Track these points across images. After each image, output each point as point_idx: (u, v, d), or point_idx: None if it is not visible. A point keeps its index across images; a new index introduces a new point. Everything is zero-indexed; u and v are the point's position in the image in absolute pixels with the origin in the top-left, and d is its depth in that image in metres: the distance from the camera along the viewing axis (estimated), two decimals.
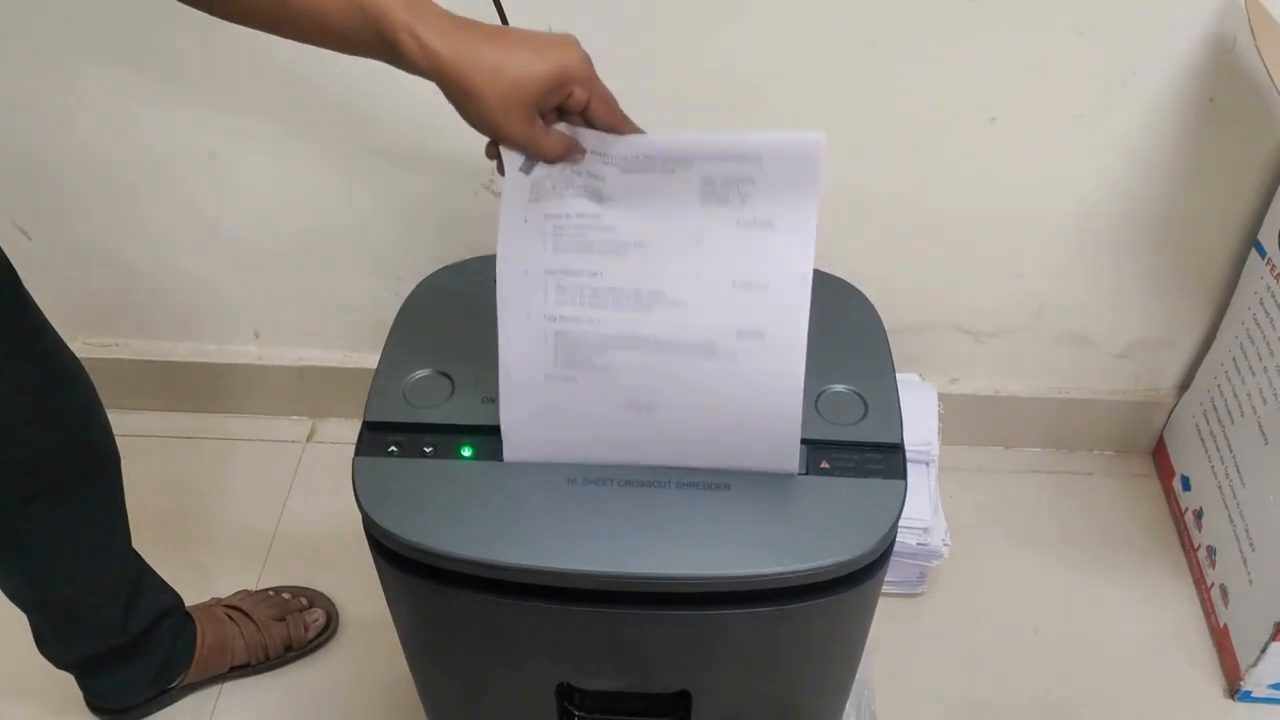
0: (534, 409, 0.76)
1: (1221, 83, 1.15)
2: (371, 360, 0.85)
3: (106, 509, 1.06)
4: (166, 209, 1.35)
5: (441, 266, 0.94)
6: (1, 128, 1.28)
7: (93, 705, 1.21)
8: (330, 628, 1.31)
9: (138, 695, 1.21)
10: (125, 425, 1.09)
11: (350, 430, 0.81)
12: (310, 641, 1.28)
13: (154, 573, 1.16)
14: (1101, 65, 1.15)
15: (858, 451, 0.79)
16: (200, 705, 1.25)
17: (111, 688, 1.20)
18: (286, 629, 1.27)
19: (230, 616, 1.25)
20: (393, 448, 0.79)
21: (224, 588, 1.32)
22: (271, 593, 1.31)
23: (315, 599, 1.32)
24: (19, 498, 0.96)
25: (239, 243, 1.38)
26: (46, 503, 0.98)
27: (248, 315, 1.48)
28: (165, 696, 1.23)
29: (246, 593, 1.31)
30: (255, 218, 1.36)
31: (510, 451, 0.78)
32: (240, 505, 1.46)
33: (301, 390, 1.54)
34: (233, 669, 1.25)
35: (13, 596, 1.07)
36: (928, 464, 1.27)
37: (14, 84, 1.24)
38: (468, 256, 0.94)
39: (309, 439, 1.55)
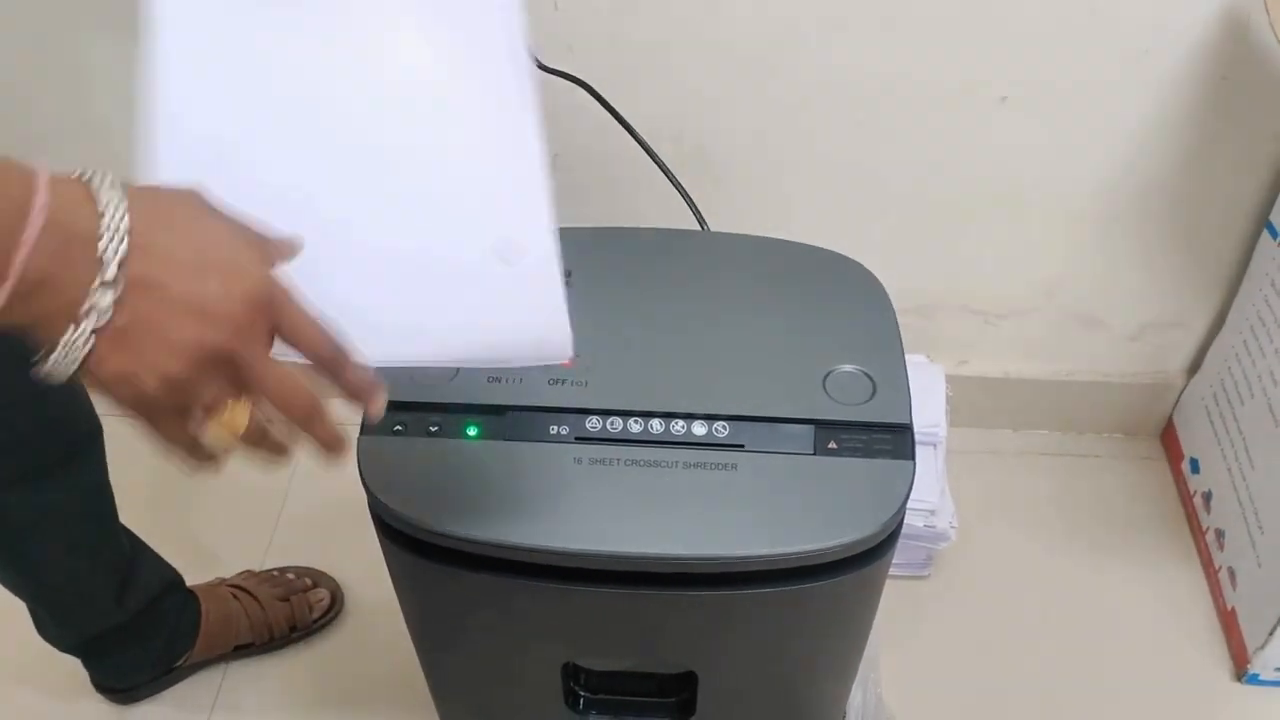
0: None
1: (1235, 61, 1.14)
2: None
3: (92, 487, 1.05)
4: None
5: None
6: (12, 102, 1.27)
7: (98, 685, 1.22)
8: (335, 608, 1.31)
9: (142, 674, 1.22)
10: None
11: (354, 410, 0.81)
12: (315, 621, 1.28)
13: (150, 550, 1.16)
14: (1114, 43, 1.13)
15: (866, 432, 0.78)
16: (205, 684, 1.25)
17: (116, 667, 1.20)
18: (291, 609, 1.27)
19: (235, 596, 1.25)
20: (398, 427, 0.78)
21: (228, 568, 1.32)
22: (276, 573, 1.31)
23: (320, 579, 1.32)
24: (2, 482, 0.95)
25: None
26: (30, 486, 0.97)
27: None
28: (170, 675, 1.23)
29: (251, 573, 1.31)
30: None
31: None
32: (244, 485, 1.45)
33: (306, 370, 1.53)
34: (237, 649, 1.25)
35: (5, 583, 1.06)
36: (935, 445, 1.26)
37: (26, 58, 1.23)
38: None
39: None
